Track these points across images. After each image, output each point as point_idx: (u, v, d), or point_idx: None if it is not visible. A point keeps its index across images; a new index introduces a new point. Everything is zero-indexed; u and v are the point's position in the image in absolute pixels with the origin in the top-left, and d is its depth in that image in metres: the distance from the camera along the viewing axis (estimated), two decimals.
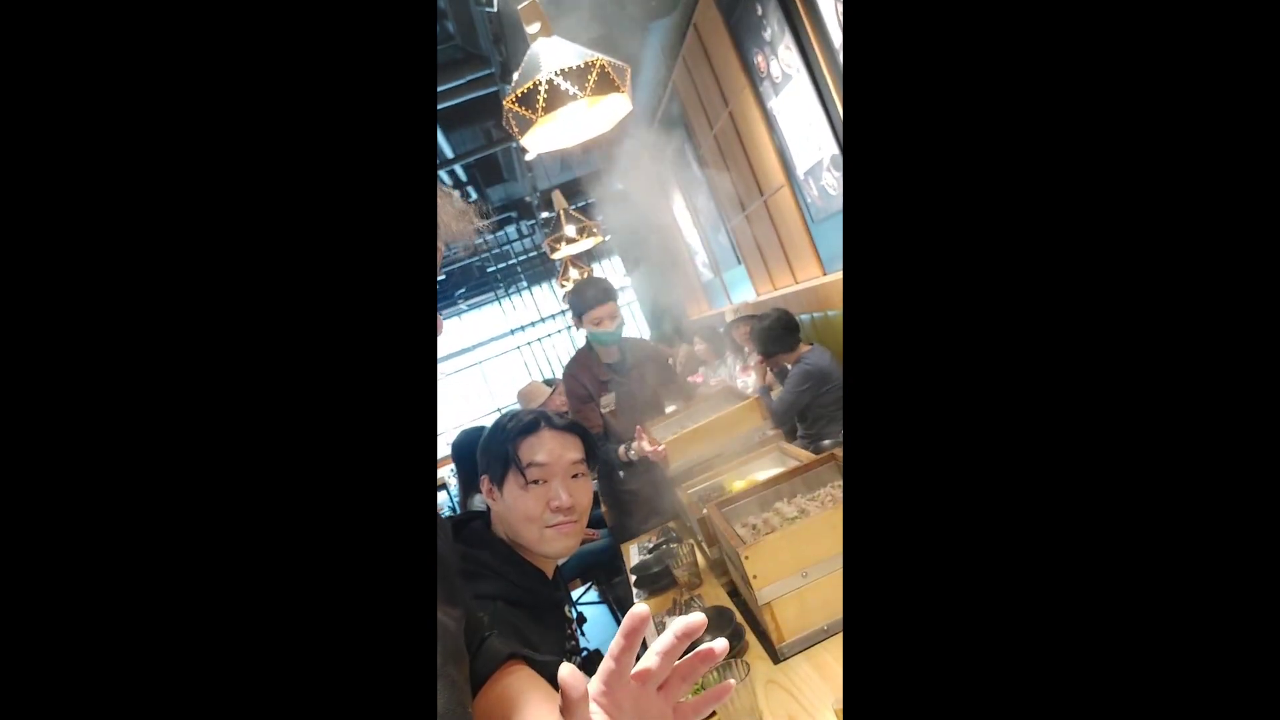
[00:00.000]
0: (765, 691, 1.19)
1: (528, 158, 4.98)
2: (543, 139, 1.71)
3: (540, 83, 1.50)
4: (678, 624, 0.57)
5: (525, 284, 8.97)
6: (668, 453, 2.18)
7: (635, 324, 9.36)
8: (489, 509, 1.31)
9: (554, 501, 1.21)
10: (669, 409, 2.74)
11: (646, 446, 2.17)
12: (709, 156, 4.93)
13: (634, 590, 1.91)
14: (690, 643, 0.58)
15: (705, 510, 1.69)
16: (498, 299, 9.28)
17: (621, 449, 2.37)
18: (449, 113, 4.90)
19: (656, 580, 1.84)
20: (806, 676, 1.19)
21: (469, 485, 3.30)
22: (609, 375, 2.59)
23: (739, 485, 1.89)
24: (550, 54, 1.55)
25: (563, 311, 9.45)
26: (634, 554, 2.24)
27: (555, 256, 4.04)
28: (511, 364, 9.93)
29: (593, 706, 0.59)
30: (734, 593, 1.62)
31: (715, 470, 2.16)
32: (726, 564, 1.67)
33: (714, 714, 1.10)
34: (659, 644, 0.59)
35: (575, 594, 3.51)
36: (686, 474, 2.17)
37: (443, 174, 5.88)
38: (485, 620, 1.09)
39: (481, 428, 3.71)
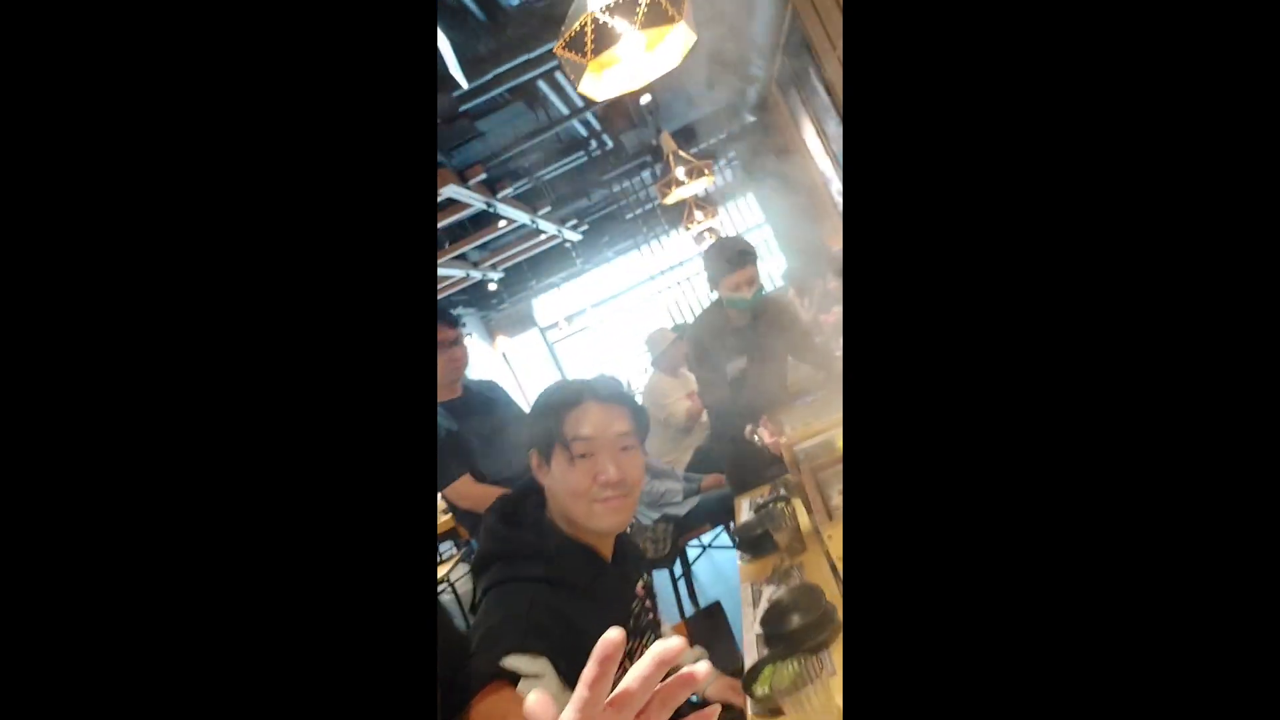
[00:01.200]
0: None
1: (643, 102, 4.82)
2: (605, 83, 1.58)
3: (586, 22, 1.37)
4: (655, 650, 0.52)
5: (667, 228, 8.88)
6: (789, 455, 2.02)
7: (771, 258, 9.13)
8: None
9: (601, 476, 1.15)
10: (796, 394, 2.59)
11: (768, 438, 2.05)
12: (834, 79, 4.61)
13: (737, 553, 1.80)
14: (669, 670, 0.54)
15: (801, 474, 1.56)
16: (637, 246, 9.26)
17: (748, 429, 2.25)
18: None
19: (759, 545, 1.73)
20: None
21: None
22: (738, 340, 2.47)
23: None
24: None
25: (696, 257, 9.37)
26: (745, 509, 2.13)
27: (667, 201, 3.90)
28: (655, 308, 9.94)
29: None
30: None
31: (829, 423, 2.00)
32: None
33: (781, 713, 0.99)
34: (637, 669, 0.55)
35: (707, 537, 3.43)
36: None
37: (576, 124, 5.83)
38: (523, 607, 1.04)
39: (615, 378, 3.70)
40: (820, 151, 5.74)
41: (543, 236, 7.49)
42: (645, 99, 4.69)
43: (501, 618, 1.06)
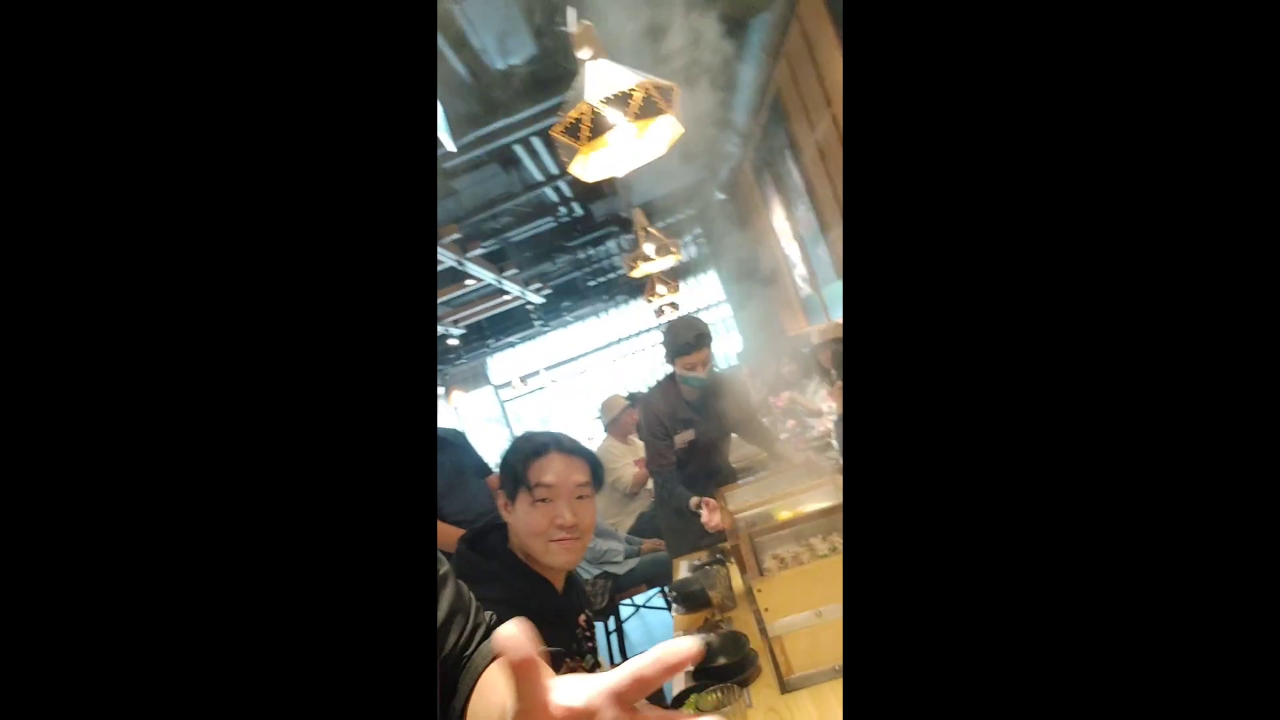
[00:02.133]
0: (763, 719, 1.19)
1: (618, 175, 5.02)
2: (593, 166, 1.74)
3: (584, 112, 1.53)
4: (662, 651, 0.50)
5: (627, 298, 9.10)
6: (729, 526, 2.12)
7: (728, 335, 9.37)
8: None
9: (558, 519, 1.31)
10: (739, 469, 2.72)
11: (710, 519, 2.18)
12: (809, 163, 4.83)
13: (671, 606, 1.93)
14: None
15: (739, 538, 1.69)
16: (596, 313, 9.45)
17: (693, 501, 2.37)
18: (548, 131, 4.99)
19: (693, 600, 1.87)
20: (806, 713, 1.18)
21: None
22: (688, 414, 2.60)
23: (785, 515, 1.87)
24: (595, 80, 1.58)
25: (654, 328, 9.56)
26: (683, 569, 2.25)
27: (634, 275, 4.08)
28: (612, 374, 10.10)
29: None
30: None
31: (769, 498, 2.14)
32: None
33: None
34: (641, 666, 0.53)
35: (641, 598, 3.53)
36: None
37: (547, 191, 6.02)
38: (489, 619, 1.15)
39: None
40: (788, 234, 6.00)
41: (505, 297, 7.62)
42: (588, 179, 4.88)
43: None
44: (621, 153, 1.75)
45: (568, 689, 0.49)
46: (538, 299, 8.27)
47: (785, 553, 1.55)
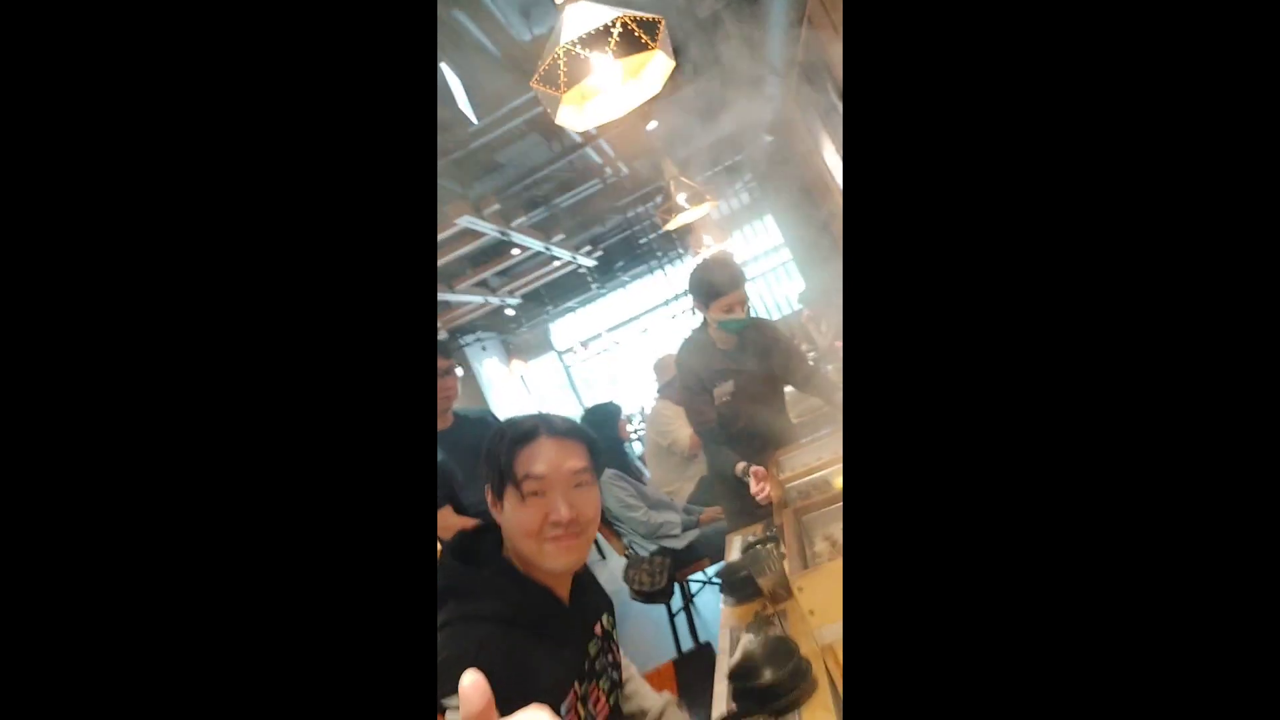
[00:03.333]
0: None
1: (649, 128, 4.79)
2: (582, 114, 1.55)
3: (559, 56, 1.34)
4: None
5: (681, 253, 8.89)
6: (778, 498, 1.90)
7: (792, 282, 9.07)
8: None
9: (553, 515, 1.12)
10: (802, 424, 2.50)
11: (760, 489, 1.99)
12: None
13: (721, 596, 1.74)
14: None
15: (784, 514, 1.50)
16: (651, 270, 9.26)
17: (739, 466, 2.18)
18: None
19: (742, 588, 1.66)
20: None
21: (598, 462, 3.25)
22: (725, 364, 2.37)
23: (842, 484, 1.67)
24: (571, 22, 1.39)
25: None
26: (735, 548, 2.06)
27: (668, 227, 3.86)
28: (671, 330, 9.94)
29: None
30: None
31: (827, 460, 1.95)
32: None
33: None
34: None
35: (711, 571, 3.34)
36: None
37: (591, 153, 5.85)
38: (472, 648, 1.01)
39: (610, 405, 3.65)
40: (840, 168, 5.69)
41: (557, 263, 7.51)
42: (651, 125, 4.67)
43: (448, 657, 1.02)
44: (614, 96, 1.56)
45: None
46: (589, 262, 8.13)
47: (841, 533, 1.37)
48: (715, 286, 2.26)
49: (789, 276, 9.38)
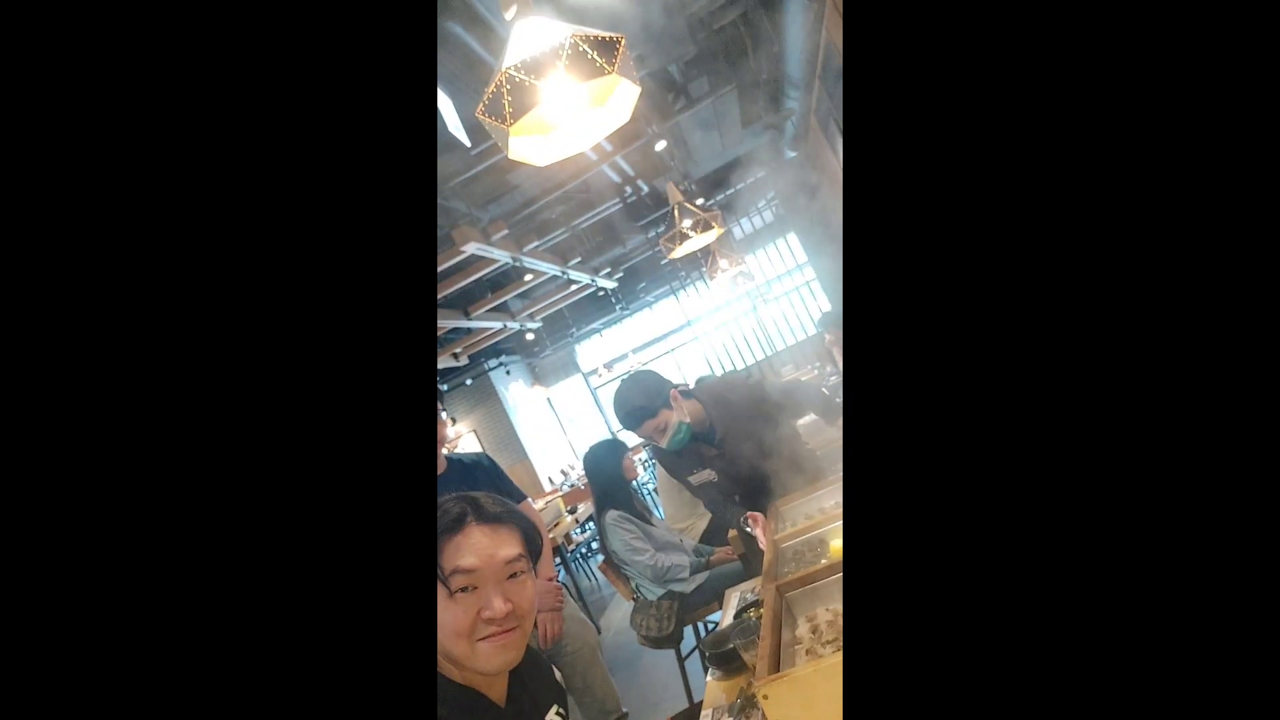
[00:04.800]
0: None
1: (658, 148, 4.66)
2: (545, 147, 1.41)
3: (501, 83, 1.20)
4: None
5: (703, 274, 8.77)
6: (777, 544, 1.71)
7: (817, 301, 8.89)
8: None
9: (485, 611, 0.99)
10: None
11: (760, 534, 1.83)
12: None
13: (707, 668, 1.55)
14: None
15: (763, 589, 1.33)
16: (673, 291, 9.13)
17: (738, 519, 2.02)
18: None
19: (728, 660, 1.46)
20: None
21: (602, 500, 3.10)
22: (693, 455, 2.20)
23: (838, 548, 1.50)
24: (518, 42, 1.26)
25: (734, 301, 9.29)
26: (734, 604, 1.89)
27: (673, 256, 3.71)
28: (690, 354, 9.81)
29: None
30: None
31: (829, 512, 1.78)
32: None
33: None
34: None
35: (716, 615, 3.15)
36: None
37: (606, 169, 5.73)
38: None
39: (613, 441, 3.50)
40: None
41: (576, 286, 7.39)
42: (660, 145, 4.53)
43: None
44: (578, 126, 1.41)
45: None
46: (609, 284, 8.01)
47: (829, 613, 1.20)
48: (627, 415, 2.06)
49: (813, 296, 9.19)
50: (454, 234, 4.86)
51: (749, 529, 2.03)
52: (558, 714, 1.15)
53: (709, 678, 1.52)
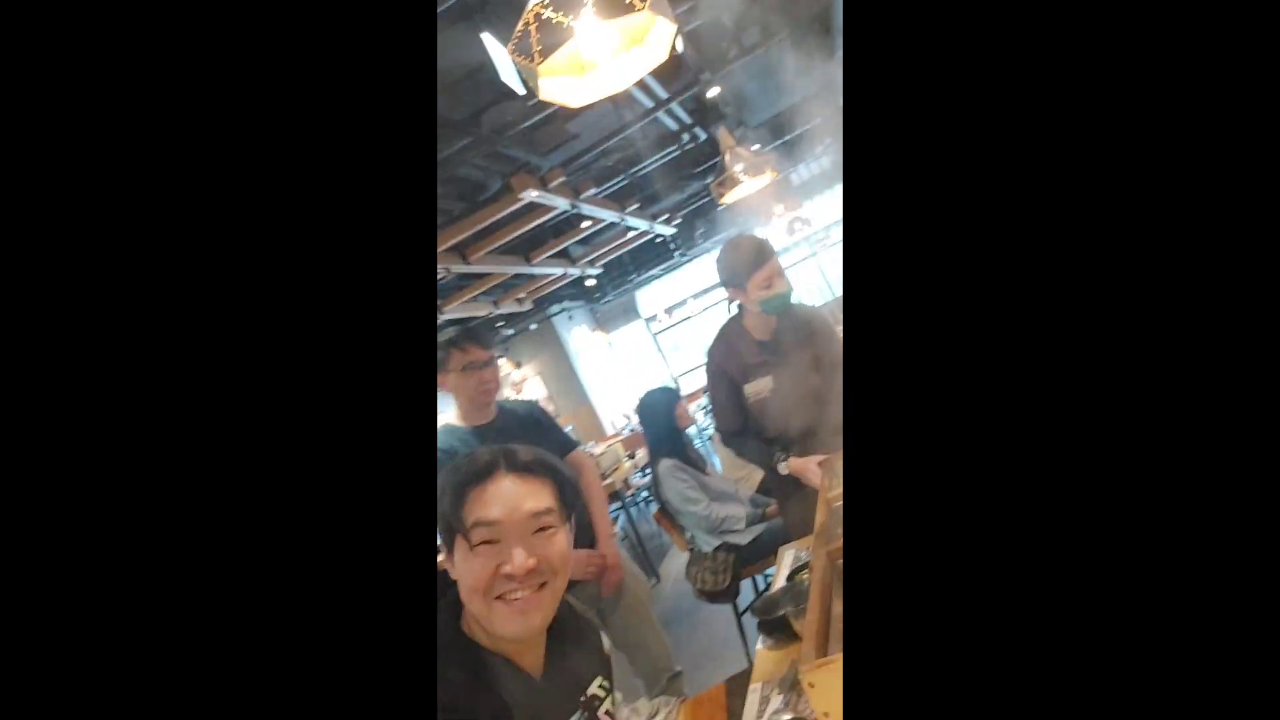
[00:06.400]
0: None
1: (710, 95, 4.50)
2: (580, 87, 1.33)
3: (528, 21, 1.13)
4: None
5: (761, 220, 8.61)
6: (829, 503, 1.59)
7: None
8: None
9: (505, 566, 0.93)
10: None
11: (813, 477, 1.75)
12: None
13: (758, 636, 1.49)
14: None
15: (814, 552, 1.27)
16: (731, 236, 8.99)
17: (778, 463, 1.95)
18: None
19: (779, 628, 1.38)
20: None
21: (656, 449, 3.07)
22: (761, 357, 2.11)
23: None
24: None
25: (791, 247, 9.10)
26: (787, 563, 1.82)
27: (724, 202, 3.58)
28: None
29: None
30: None
31: None
32: None
33: None
34: None
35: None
36: None
37: (663, 116, 5.60)
38: None
39: (665, 389, 3.45)
40: None
41: (634, 232, 7.31)
42: (713, 91, 4.37)
43: None
44: (613, 67, 1.33)
45: None
46: (668, 230, 7.89)
47: None
48: (749, 260, 2.02)
49: None
50: (513, 181, 4.82)
51: (784, 470, 1.96)
52: (601, 686, 1.11)
53: (759, 645, 1.47)
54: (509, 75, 3.40)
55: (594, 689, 1.09)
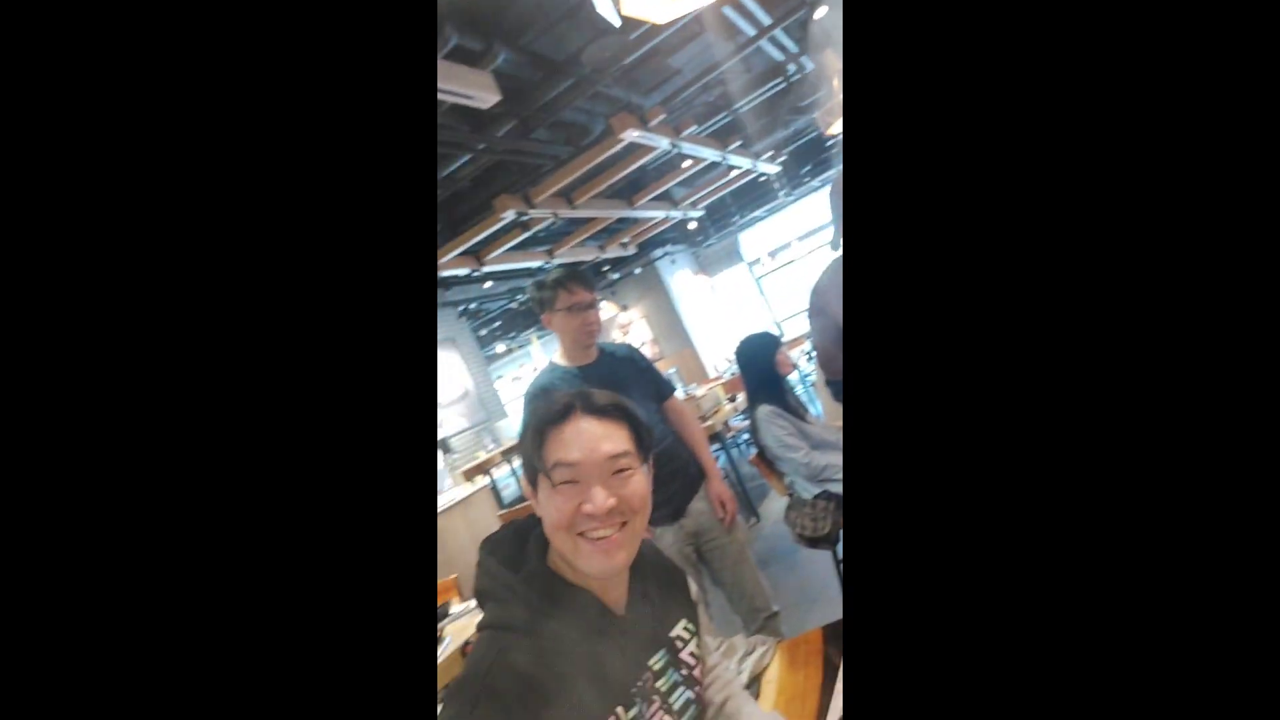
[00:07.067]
0: None
1: (816, 16, 4.27)
2: (653, 2, 1.26)
3: None
4: None
5: None
6: None
7: None
8: None
9: (587, 505, 0.94)
10: None
11: None
12: None
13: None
14: None
15: None
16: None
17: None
18: None
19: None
20: None
21: (755, 394, 3.00)
22: None
23: None
24: None
25: None
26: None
27: (830, 132, 3.42)
28: None
29: None
30: None
31: None
32: None
33: None
34: None
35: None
36: None
37: (767, 45, 5.39)
38: (484, 665, 0.89)
39: (764, 335, 3.36)
40: None
41: (736, 172, 7.13)
42: (820, 12, 4.16)
43: (464, 671, 0.92)
44: None
45: None
46: (773, 168, 7.67)
47: None
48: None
49: None
50: (612, 121, 4.75)
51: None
52: (685, 629, 1.10)
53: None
54: (606, 9, 3.33)
55: (678, 630, 1.08)
